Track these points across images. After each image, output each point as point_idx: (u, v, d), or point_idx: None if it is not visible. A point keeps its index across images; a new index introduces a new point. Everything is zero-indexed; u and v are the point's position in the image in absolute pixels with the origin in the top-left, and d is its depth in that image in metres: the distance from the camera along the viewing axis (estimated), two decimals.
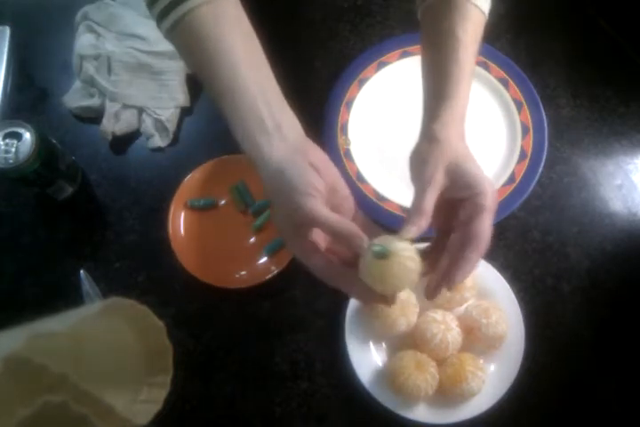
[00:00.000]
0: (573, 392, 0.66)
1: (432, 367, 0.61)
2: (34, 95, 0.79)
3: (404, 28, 0.80)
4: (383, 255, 0.45)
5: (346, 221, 0.47)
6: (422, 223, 0.48)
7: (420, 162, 0.52)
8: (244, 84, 0.50)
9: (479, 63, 0.76)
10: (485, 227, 0.48)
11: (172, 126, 0.75)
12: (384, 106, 0.76)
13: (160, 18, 0.51)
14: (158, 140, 0.75)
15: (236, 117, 0.50)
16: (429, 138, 0.52)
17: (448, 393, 0.61)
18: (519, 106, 0.75)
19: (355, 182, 0.72)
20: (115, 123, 0.74)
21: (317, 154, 0.51)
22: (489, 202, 0.48)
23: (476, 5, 0.54)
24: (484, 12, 0.56)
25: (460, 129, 0.53)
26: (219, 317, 0.68)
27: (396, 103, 0.76)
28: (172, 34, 0.51)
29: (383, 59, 0.77)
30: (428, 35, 0.57)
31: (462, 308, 0.66)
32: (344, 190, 0.51)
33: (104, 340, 0.46)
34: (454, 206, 0.51)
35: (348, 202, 0.52)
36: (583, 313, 0.68)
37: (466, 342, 0.63)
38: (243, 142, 0.50)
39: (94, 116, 0.76)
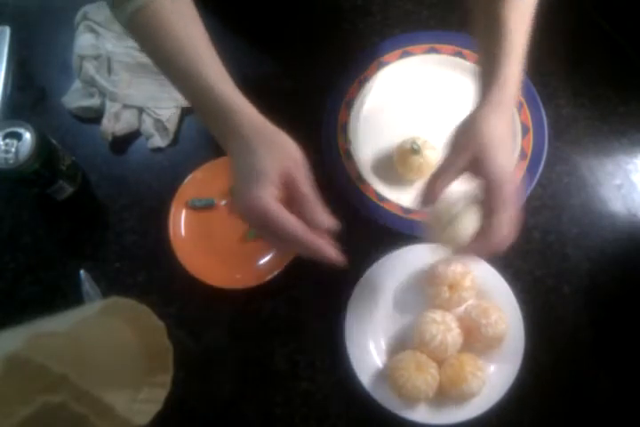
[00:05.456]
0: (573, 392, 0.65)
1: (432, 368, 0.61)
2: (34, 95, 0.79)
3: (403, 28, 0.80)
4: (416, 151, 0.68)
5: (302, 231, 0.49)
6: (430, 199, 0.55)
7: (452, 139, 0.55)
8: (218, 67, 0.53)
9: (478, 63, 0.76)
10: (499, 226, 0.50)
11: (172, 126, 0.75)
12: (384, 106, 0.76)
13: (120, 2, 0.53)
14: (158, 141, 0.75)
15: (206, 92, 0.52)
16: (469, 120, 0.55)
17: (448, 394, 0.61)
18: (519, 106, 0.74)
19: (355, 182, 0.72)
20: (115, 123, 0.74)
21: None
22: (502, 200, 0.50)
23: None
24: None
25: (499, 115, 0.54)
26: (219, 317, 0.68)
27: (396, 103, 0.76)
28: (135, 18, 0.53)
29: (383, 59, 0.77)
30: (478, 21, 0.59)
31: (462, 308, 0.66)
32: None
33: (104, 340, 0.46)
34: None
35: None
36: (583, 313, 0.68)
37: (465, 343, 0.63)
38: (214, 116, 0.52)
39: (94, 117, 0.76)
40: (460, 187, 0.55)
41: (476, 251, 0.53)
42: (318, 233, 0.50)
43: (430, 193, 0.55)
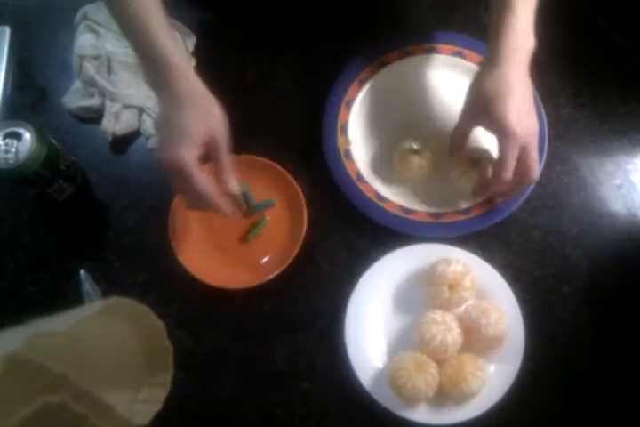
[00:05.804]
0: (573, 392, 0.65)
1: (432, 368, 0.61)
2: (34, 95, 0.79)
3: (404, 28, 0.80)
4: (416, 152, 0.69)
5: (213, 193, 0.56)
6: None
7: (466, 96, 0.63)
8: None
9: (479, 63, 0.76)
10: (499, 172, 0.59)
11: None
12: (384, 106, 0.76)
13: None
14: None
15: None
16: (474, 77, 0.62)
17: (448, 394, 0.61)
18: None
19: (355, 182, 0.71)
20: (115, 123, 0.74)
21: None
22: (502, 150, 0.59)
23: None
24: None
25: (491, 73, 0.59)
26: (219, 317, 0.68)
27: (396, 103, 0.76)
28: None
29: (383, 59, 0.77)
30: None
31: (462, 308, 0.66)
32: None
33: (104, 340, 0.46)
34: None
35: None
36: (583, 313, 0.68)
37: (465, 343, 0.63)
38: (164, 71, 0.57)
39: (94, 117, 0.76)
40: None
41: (486, 191, 0.65)
42: (223, 191, 0.58)
43: (456, 142, 0.66)
